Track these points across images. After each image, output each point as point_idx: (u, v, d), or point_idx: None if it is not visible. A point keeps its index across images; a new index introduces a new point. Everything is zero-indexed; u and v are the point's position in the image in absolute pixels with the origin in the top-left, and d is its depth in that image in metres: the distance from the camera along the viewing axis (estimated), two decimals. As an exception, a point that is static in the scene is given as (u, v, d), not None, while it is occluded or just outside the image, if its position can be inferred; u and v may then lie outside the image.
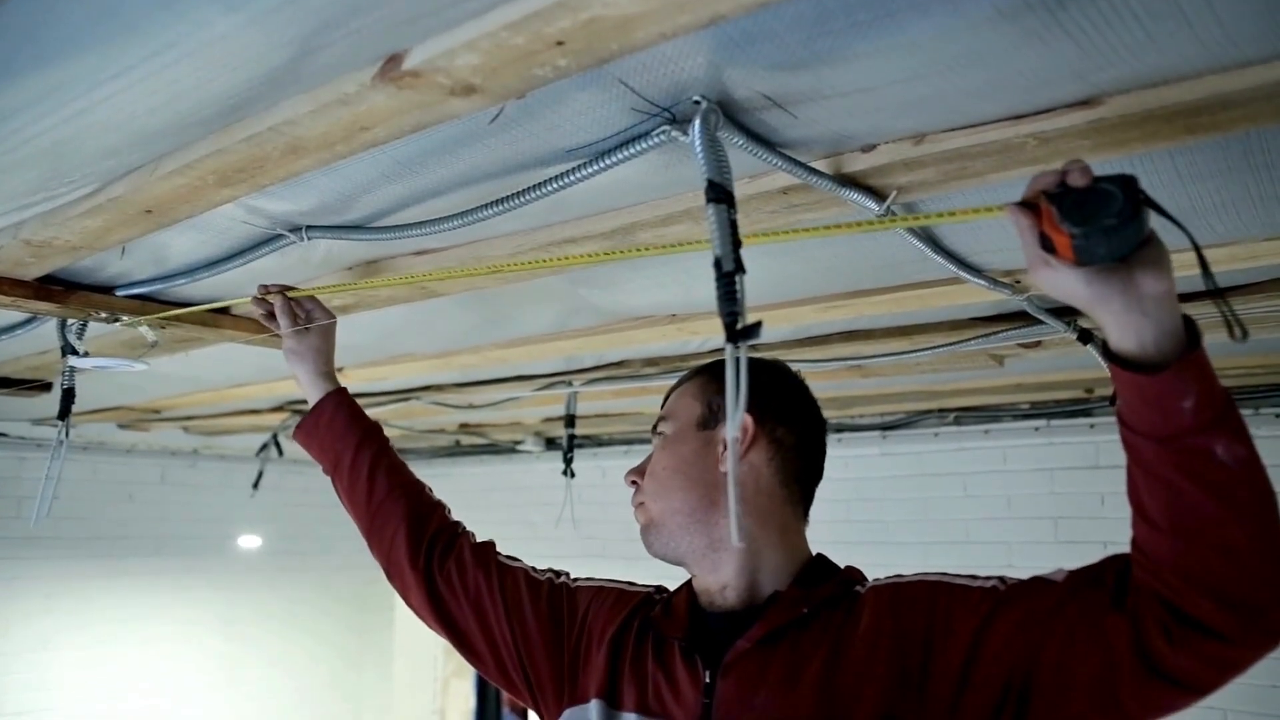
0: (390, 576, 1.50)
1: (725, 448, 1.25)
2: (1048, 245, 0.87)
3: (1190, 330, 0.87)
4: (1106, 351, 0.91)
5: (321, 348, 1.66)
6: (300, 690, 5.87)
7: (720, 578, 1.25)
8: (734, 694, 1.14)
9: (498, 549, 1.51)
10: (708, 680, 1.17)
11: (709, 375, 1.35)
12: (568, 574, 1.48)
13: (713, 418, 1.30)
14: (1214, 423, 0.86)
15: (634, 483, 1.34)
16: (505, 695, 7.89)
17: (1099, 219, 0.82)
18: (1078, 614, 0.99)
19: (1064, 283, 0.88)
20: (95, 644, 4.92)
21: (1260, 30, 0.87)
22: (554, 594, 1.41)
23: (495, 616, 1.40)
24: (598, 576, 1.47)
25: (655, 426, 1.35)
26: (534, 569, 1.47)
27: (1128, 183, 0.82)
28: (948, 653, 1.06)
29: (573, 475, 3.31)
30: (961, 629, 1.06)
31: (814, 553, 1.29)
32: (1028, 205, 0.87)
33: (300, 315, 1.65)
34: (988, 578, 1.12)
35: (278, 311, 1.63)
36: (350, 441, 1.57)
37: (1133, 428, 0.90)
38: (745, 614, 1.22)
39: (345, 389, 1.65)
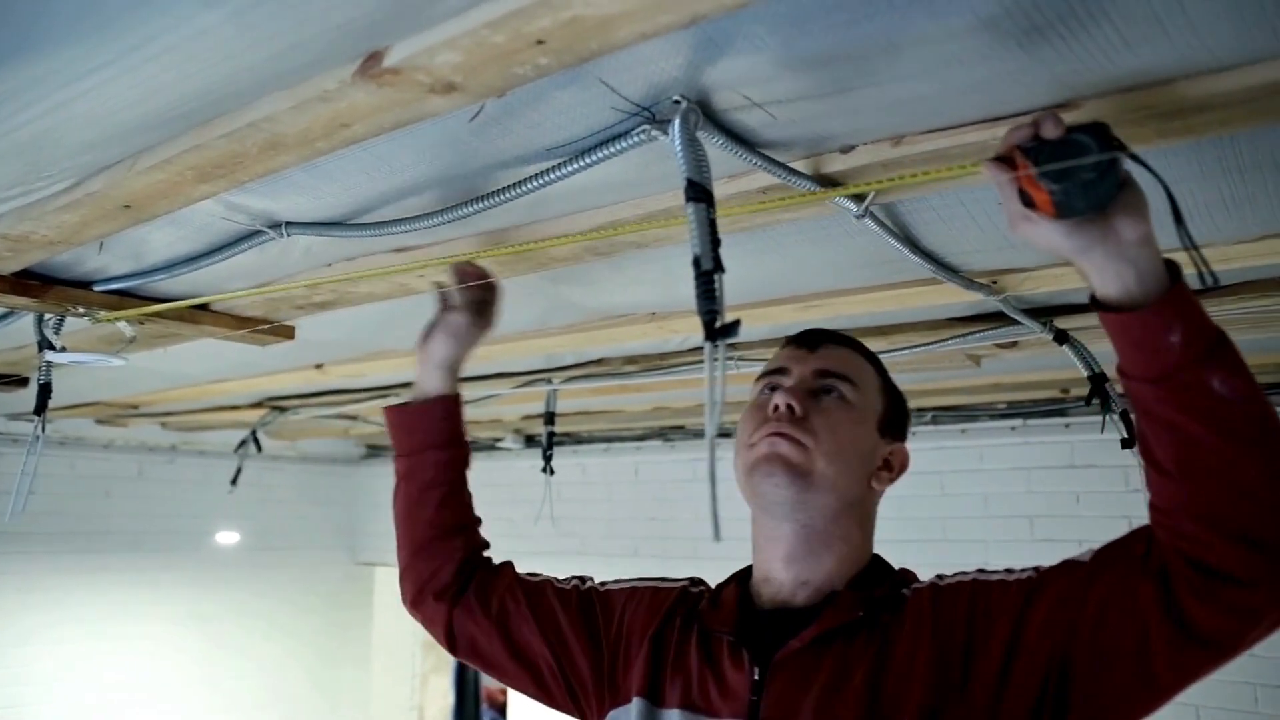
0: (415, 604, 1.43)
1: (884, 467, 1.26)
2: (1027, 200, 0.88)
3: (1172, 271, 0.88)
4: (1092, 300, 0.92)
5: (470, 337, 1.46)
6: (277, 685, 5.84)
7: (800, 574, 1.21)
8: (783, 694, 1.11)
9: (516, 569, 1.45)
10: (756, 678, 1.14)
11: (881, 372, 1.33)
12: (593, 579, 1.44)
13: (887, 426, 1.28)
14: (1206, 355, 0.86)
15: (791, 408, 1.20)
16: (484, 691, 7.89)
17: (1076, 173, 0.83)
18: (1107, 588, 0.98)
19: (1045, 236, 0.89)
20: (72, 640, 4.89)
21: (1232, 35, 0.88)
22: (584, 600, 1.37)
23: (528, 634, 1.34)
24: (625, 578, 1.42)
25: (824, 374, 1.25)
26: (557, 580, 1.43)
27: (1101, 131, 0.83)
28: (989, 651, 1.05)
29: (552, 473, 3.31)
30: (1000, 625, 1.05)
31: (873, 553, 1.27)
32: (1004, 160, 0.88)
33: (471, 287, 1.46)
34: (1023, 570, 1.11)
35: (451, 274, 1.45)
36: (442, 456, 1.44)
37: (1129, 374, 0.91)
38: (800, 612, 1.19)
39: (460, 395, 1.50)
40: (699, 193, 0.97)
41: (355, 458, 6.56)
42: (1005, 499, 4.07)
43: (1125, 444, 2.35)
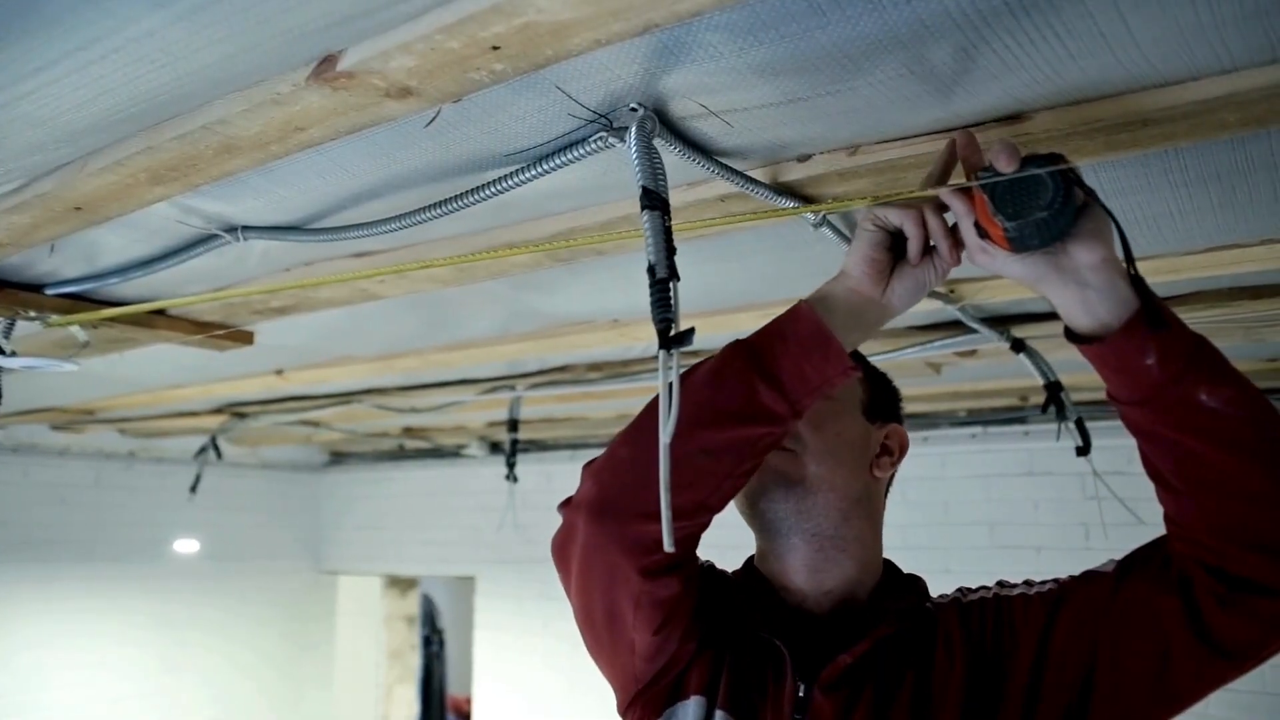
0: (657, 571, 1.05)
1: (882, 452, 1.20)
2: (983, 232, 0.89)
3: (1141, 291, 0.88)
4: (1067, 333, 0.92)
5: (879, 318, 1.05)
6: (237, 699, 5.76)
7: (824, 583, 1.15)
8: (831, 713, 1.06)
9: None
10: (801, 694, 1.08)
11: (856, 356, 1.14)
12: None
13: (875, 410, 1.22)
14: (1186, 371, 0.86)
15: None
16: (449, 700, 7.83)
17: (1031, 211, 0.84)
18: (1128, 601, 0.98)
19: (1001, 267, 0.90)
20: (23, 651, 4.79)
21: (1173, 52, 0.90)
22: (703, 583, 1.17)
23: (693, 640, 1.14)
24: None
25: None
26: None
27: (1057, 163, 0.83)
28: (1017, 669, 1.03)
29: (515, 480, 3.30)
30: (1026, 643, 1.04)
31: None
32: (962, 188, 0.89)
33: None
34: (1043, 582, 1.10)
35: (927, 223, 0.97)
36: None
37: (1116, 398, 0.91)
38: (823, 623, 1.15)
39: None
40: (654, 201, 0.97)
41: (318, 465, 6.50)
42: (965, 506, 4.11)
43: (1080, 452, 2.38)
